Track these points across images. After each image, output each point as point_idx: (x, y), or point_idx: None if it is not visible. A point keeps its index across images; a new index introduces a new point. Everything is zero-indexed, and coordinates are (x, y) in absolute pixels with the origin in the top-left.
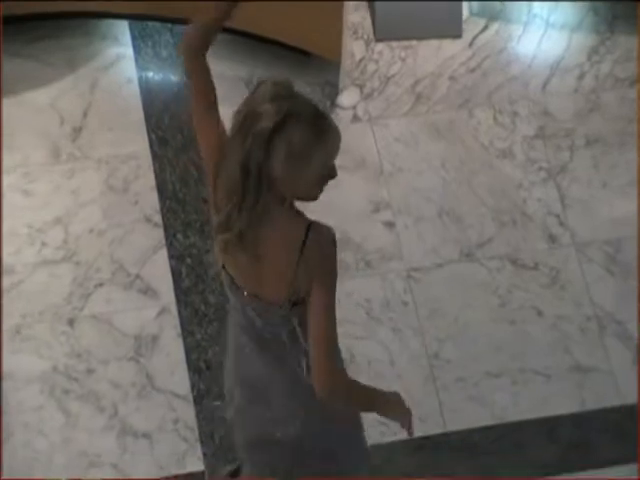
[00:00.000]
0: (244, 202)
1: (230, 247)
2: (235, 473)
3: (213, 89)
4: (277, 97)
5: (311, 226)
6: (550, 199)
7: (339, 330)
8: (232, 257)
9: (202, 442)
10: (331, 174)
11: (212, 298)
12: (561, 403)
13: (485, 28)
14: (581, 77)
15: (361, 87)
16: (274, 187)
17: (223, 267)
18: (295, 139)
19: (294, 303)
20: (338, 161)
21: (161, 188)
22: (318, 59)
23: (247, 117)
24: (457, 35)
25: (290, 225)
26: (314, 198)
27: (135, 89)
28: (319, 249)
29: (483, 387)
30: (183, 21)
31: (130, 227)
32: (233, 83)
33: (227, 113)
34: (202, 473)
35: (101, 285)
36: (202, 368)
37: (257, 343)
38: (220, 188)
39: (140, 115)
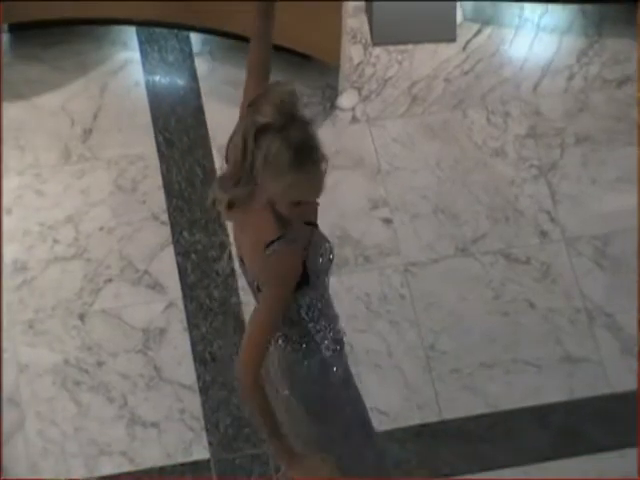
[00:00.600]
0: (239, 178)
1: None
2: None
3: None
4: (281, 106)
5: (278, 240)
6: (541, 196)
7: (342, 324)
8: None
9: (208, 431)
10: (297, 209)
11: (217, 293)
12: (552, 392)
13: (478, 32)
14: (571, 78)
15: (359, 89)
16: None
17: None
18: (272, 150)
19: (259, 289)
20: (338, 161)
21: (168, 188)
22: (318, 63)
23: (253, 103)
24: (451, 39)
25: (261, 227)
26: (285, 215)
27: (143, 92)
28: (267, 266)
29: (477, 377)
30: (188, 27)
31: (138, 225)
32: (236, 87)
33: (231, 114)
34: (208, 461)
35: (110, 281)
36: (207, 360)
37: None
38: (230, 150)
39: (148, 117)
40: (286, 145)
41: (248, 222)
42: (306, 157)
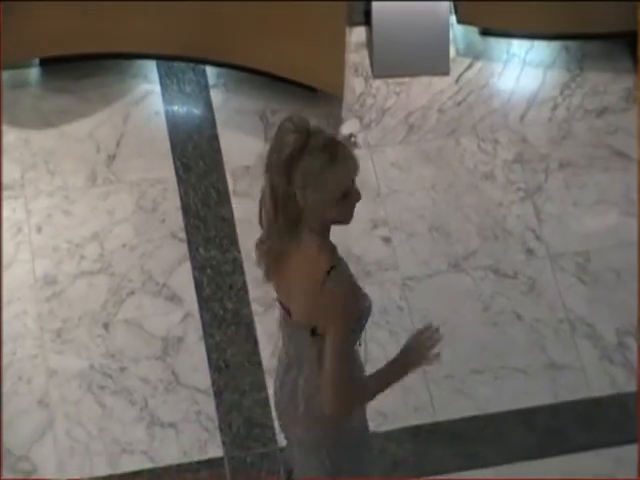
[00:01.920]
0: (276, 229)
1: (268, 266)
2: None
3: None
4: (297, 130)
5: (330, 273)
6: (527, 216)
7: None
8: (274, 274)
9: (221, 431)
10: (354, 197)
11: (230, 304)
12: (537, 396)
13: (470, 66)
14: (554, 109)
15: (361, 118)
16: (303, 216)
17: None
18: (309, 164)
19: (314, 332)
20: None
21: (185, 208)
22: (323, 94)
23: (272, 151)
24: (445, 73)
25: (314, 262)
26: (346, 221)
27: (162, 121)
28: (332, 298)
29: (469, 382)
30: (204, 61)
31: (158, 242)
32: (248, 116)
33: (243, 141)
34: (221, 459)
35: (133, 293)
36: (222, 366)
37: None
38: (264, 209)
39: (167, 144)
40: (315, 154)
41: (296, 266)
42: (335, 149)
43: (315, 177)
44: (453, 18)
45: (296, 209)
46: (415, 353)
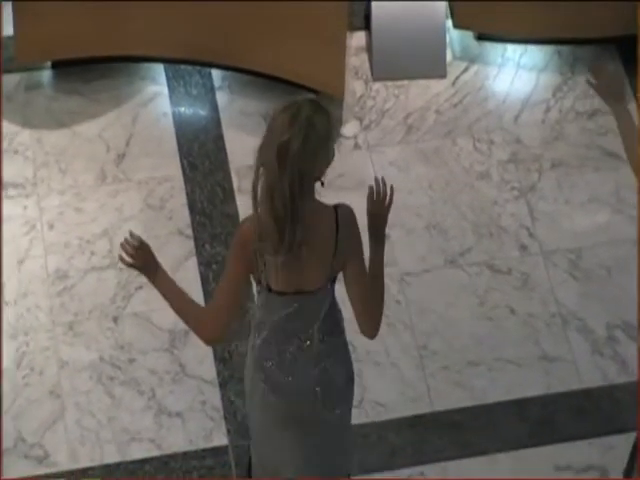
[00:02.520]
0: (296, 217)
1: (280, 261)
2: None
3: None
4: (292, 120)
5: (337, 210)
6: (521, 214)
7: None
8: (275, 269)
9: (226, 420)
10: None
11: None
12: (530, 387)
13: (466, 70)
14: (547, 111)
15: (361, 120)
16: (311, 185)
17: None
18: (321, 127)
19: (332, 281)
20: (341, 183)
21: (192, 206)
22: (325, 96)
23: (280, 151)
24: (442, 76)
25: (321, 216)
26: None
27: (170, 122)
28: (350, 227)
29: (464, 373)
30: (210, 64)
31: (165, 239)
32: (252, 117)
33: (247, 141)
34: (226, 447)
35: (141, 288)
36: (226, 358)
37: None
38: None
39: (174, 144)
40: (320, 116)
41: (307, 237)
42: (319, 105)
43: (326, 136)
44: (450, 23)
45: (311, 184)
46: (378, 217)
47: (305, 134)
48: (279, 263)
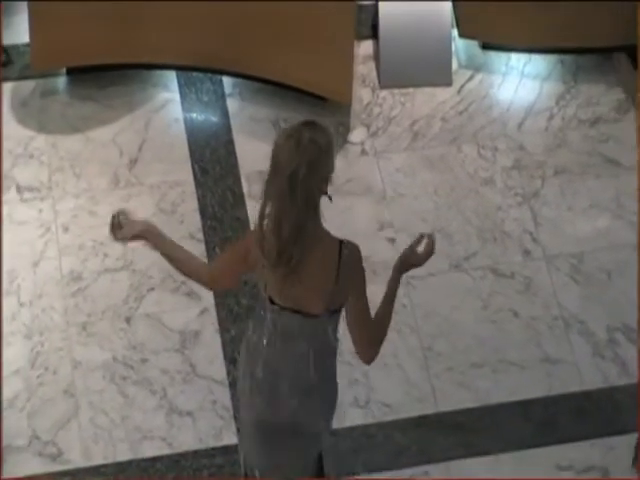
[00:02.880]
0: (300, 240)
1: (279, 274)
2: None
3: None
4: (297, 146)
5: (342, 245)
6: (524, 219)
7: None
8: (275, 281)
9: (236, 419)
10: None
11: (244, 300)
12: (533, 388)
13: (471, 78)
14: (550, 118)
15: (368, 126)
16: (317, 206)
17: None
18: (323, 142)
19: (331, 312)
20: (349, 188)
21: (203, 210)
22: (333, 103)
23: (292, 179)
24: (448, 84)
25: (325, 245)
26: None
27: (181, 128)
28: (354, 266)
29: (468, 375)
30: (220, 72)
31: (177, 242)
32: (262, 123)
33: (257, 147)
34: (236, 445)
35: (153, 289)
36: (236, 358)
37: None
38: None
39: (185, 149)
40: (320, 133)
41: (308, 258)
42: (320, 125)
43: (327, 153)
44: (455, 32)
45: (318, 204)
46: (411, 265)
47: (310, 155)
48: (279, 277)
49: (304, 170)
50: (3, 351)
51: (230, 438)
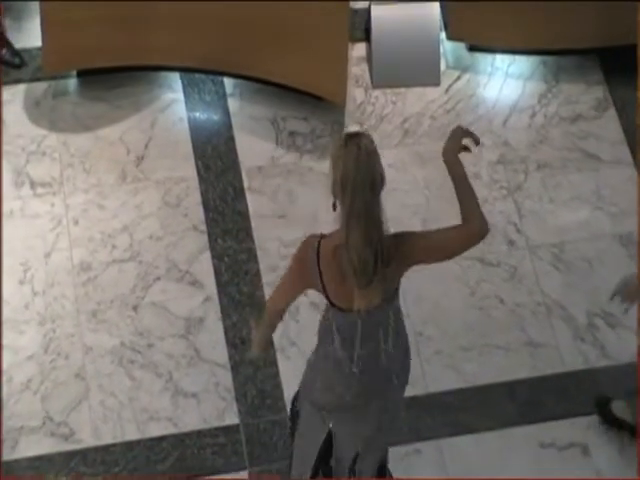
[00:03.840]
0: (379, 247)
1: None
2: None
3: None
4: (357, 155)
5: (393, 236)
6: (509, 211)
7: None
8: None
9: (237, 401)
10: None
11: (245, 288)
12: (517, 370)
13: (458, 78)
14: (533, 116)
15: (361, 124)
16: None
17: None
18: (372, 149)
19: (389, 298)
20: None
21: (205, 203)
22: (328, 103)
23: (373, 188)
24: (436, 84)
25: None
26: None
27: (185, 126)
28: (409, 248)
29: (457, 358)
30: (222, 73)
31: (181, 234)
32: (261, 122)
33: (257, 144)
34: (237, 425)
35: (159, 279)
36: (237, 344)
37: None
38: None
39: (189, 146)
40: (369, 144)
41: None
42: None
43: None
44: (443, 35)
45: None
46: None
47: (376, 162)
48: (345, 285)
49: (378, 178)
50: (18, 338)
51: (232, 419)
